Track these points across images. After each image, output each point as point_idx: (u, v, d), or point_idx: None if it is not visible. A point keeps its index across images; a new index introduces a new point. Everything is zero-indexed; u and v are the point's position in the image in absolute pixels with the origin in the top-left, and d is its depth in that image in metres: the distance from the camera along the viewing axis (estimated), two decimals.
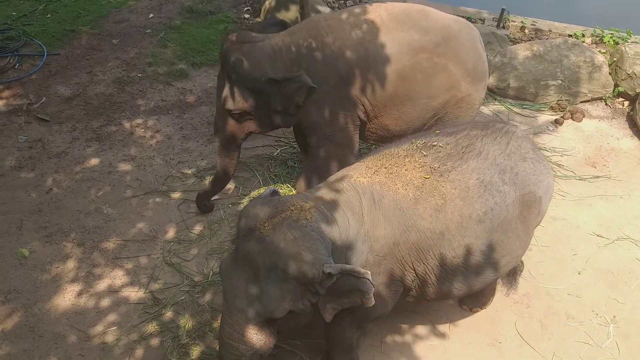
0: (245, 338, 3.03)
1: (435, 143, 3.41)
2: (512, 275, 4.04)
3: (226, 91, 4.15)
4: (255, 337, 3.03)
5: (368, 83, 4.17)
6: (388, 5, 4.34)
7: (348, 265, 2.95)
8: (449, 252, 3.27)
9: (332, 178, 3.37)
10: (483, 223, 3.26)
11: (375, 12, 4.22)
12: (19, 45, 6.62)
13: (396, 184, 3.25)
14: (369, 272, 2.90)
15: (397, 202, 3.21)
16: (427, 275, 3.34)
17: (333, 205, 3.13)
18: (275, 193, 3.24)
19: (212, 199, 4.83)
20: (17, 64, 6.39)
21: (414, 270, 3.33)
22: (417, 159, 3.34)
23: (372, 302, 2.94)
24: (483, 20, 7.53)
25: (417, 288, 3.44)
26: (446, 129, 3.57)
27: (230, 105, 4.17)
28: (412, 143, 3.45)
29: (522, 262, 4.10)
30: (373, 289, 2.91)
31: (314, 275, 2.88)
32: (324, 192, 3.21)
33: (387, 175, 3.28)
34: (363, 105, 4.25)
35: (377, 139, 4.53)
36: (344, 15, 4.26)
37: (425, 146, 3.40)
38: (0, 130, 5.54)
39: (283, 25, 4.53)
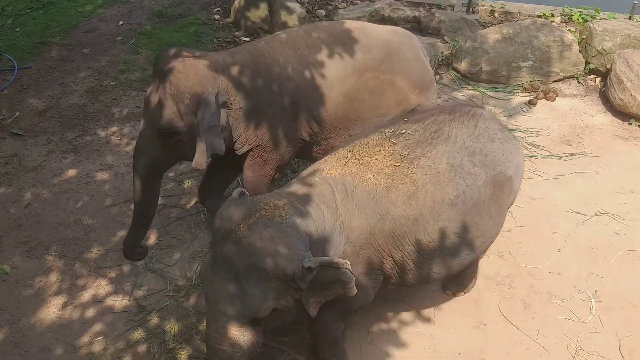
0: (232, 340, 3.03)
1: (404, 130, 3.43)
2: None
3: (159, 106, 3.71)
4: (242, 338, 3.04)
5: (315, 107, 4.05)
6: (327, 25, 4.27)
7: (326, 257, 2.97)
8: (425, 237, 3.30)
9: (304, 173, 3.38)
10: (456, 206, 3.29)
11: (315, 34, 4.10)
12: None
13: (367, 174, 3.27)
14: (348, 262, 2.92)
15: (370, 191, 3.24)
16: (405, 262, 3.37)
17: (306, 199, 3.14)
18: (243, 194, 3.19)
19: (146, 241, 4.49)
20: None
21: (392, 257, 3.36)
22: (386, 148, 3.36)
23: (354, 291, 2.97)
24: (452, 7, 7.58)
25: (396, 275, 3.46)
26: (414, 116, 3.60)
27: (162, 123, 3.71)
28: (381, 132, 3.47)
29: None
30: (354, 278, 2.94)
31: (293, 270, 2.89)
32: (296, 188, 3.22)
33: (358, 166, 3.30)
34: (310, 128, 4.14)
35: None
36: (283, 37, 4.13)
37: (394, 134, 3.43)
38: None
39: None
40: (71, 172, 5.25)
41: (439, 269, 3.46)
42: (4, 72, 6.50)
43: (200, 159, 3.72)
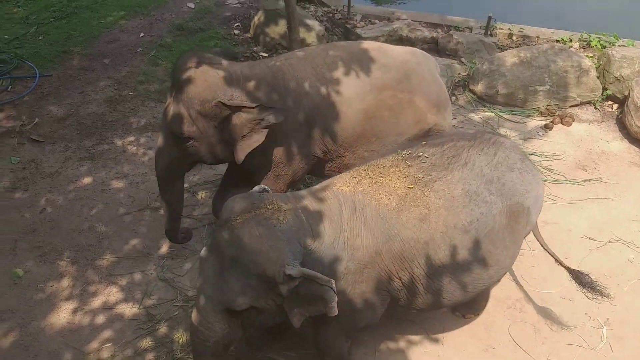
0: (209, 324, 3.11)
1: (421, 154, 3.43)
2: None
3: (174, 112, 3.85)
4: (218, 325, 3.11)
5: (331, 124, 4.06)
6: (345, 44, 4.31)
7: (311, 271, 2.94)
8: (435, 262, 3.27)
9: (317, 186, 3.40)
10: (469, 233, 3.26)
11: (333, 52, 4.14)
12: (10, 67, 6.69)
13: (379, 194, 3.27)
14: (333, 281, 2.92)
15: (380, 211, 3.23)
16: (413, 285, 3.34)
17: (311, 211, 3.18)
18: (264, 190, 3.28)
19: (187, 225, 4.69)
20: (10, 87, 6.44)
21: (400, 279, 3.33)
22: (401, 169, 3.36)
23: (335, 311, 2.95)
24: (470, 29, 7.62)
25: (405, 298, 3.43)
26: (433, 140, 3.59)
27: (175, 127, 3.87)
28: (397, 154, 3.47)
29: None
30: (336, 298, 2.93)
31: (273, 274, 2.93)
32: (305, 197, 3.26)
33: (370, 185, 3.30)
34: (325, 145, 4.15)
35: None
36: (302, 54, 4.17)
37: (411, 157, 3.43)
38: None
39: (235, 57, 4.37)
40: (87, 180, 5.31)
41: (449, 295, 3.42)
42: (26, 79, 6.60)
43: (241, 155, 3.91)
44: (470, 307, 4.13)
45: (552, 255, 4.06)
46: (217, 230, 3.07)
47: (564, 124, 6.16)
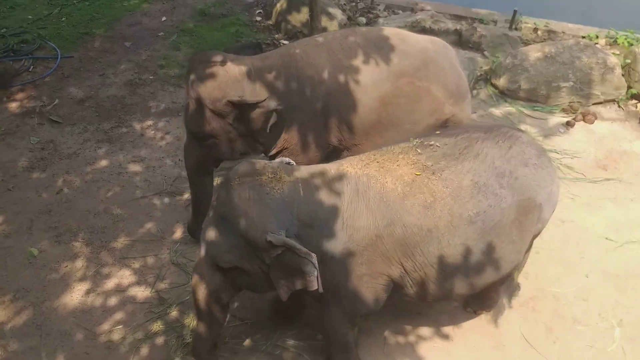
0: (203, 275, 3.33)
1: (433, 142, 3.41)
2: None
3: (188, 111, 3.97)
4: (209, 277, 3.30)
5: (347, 111, 4.05)
6: (364, 30, 4.28)
7: (292, 242, 3.03)
8: (438, 251, 3.26)
9: (326, 165, 3.43)
10: (474, 224, 3.24)
11: (352, 38, 4.11)
12: (33, 48, 6.74)
13: (385, 178, 3.27)
14: (314, 255, 3.01)
15: (384, 195, 3.23)
16: (416, 273, 3.33)
17: (311, 187, 3.24)
18: (289, 163, 3.42)
19: None
20: (31, 67, 6.49)
21: (402, 265, 3.32)
22: (411, 156, 3.35)
23: (314, 286, 3.04)
24: (495, 22, 7.50)
25: (409, 286, 3.42)
26: (448, 131, 3.57)
27: (193, 127, 3.99)
28: (410, 141, 3.46)
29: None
30: (316, 273, 3.01)
31: (254, 238, 3.06)
32: (310, 173, 3.31)
33: (377, 169, 3.31)
34: (341, 134, 4.14)
35: None
36: (320, 40, 4.17)
37: (422, 145, 3.42)
38: (13, 131, 5.63)
39: (259, 48, 4.44)
40: (104, 162, 5.34)
41: (452, 286, 3.40)
42: (47, 60, 6.65)
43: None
44: (482, 303, 4.10)
45: None
46: (219, 188, 3.28)
47: (586, 122, 6.05)
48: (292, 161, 3.48)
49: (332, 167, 3.35)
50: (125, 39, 7.17)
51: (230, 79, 3.86)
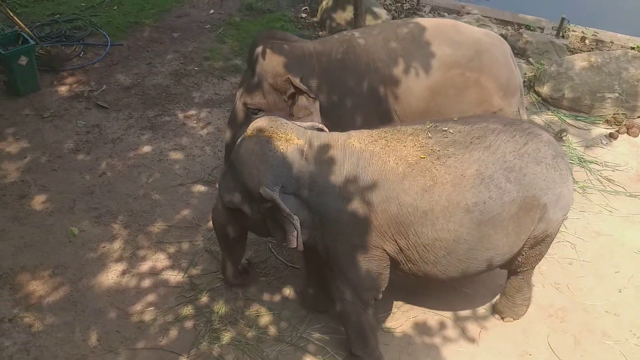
0: (215, 207, 3.78)
1: (446, 128, 3.44)
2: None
3: (248, 83, 4.14)
4: (220, 213, 3.71)
5: (398, 98, 4.12)
6: (420, 20, 4.32)
7: (278, 199, 3.25)
8: (431, 234, 3.31)
9: (336, 134, 3.52)
10: (471, 213, 3.27)
11: (407, 27, 4.18)
12: (85, 34, 6.93)
13: (388, 157, 3.33)
14: (295, 217, 3.23)
15: (383, 173, 3.30)
16: (410, 252, 3.40)
17: (314, 153, 3.38)
18: (321, 129, 3.62)
19: None
20: (82, 52, 6.68)
21: (396, 243, 3.39)
22: (420, 139, 3.40)
23: (294, 244, 3.28)
24: (542, 29, 7.42)
25: (404, 262, 3.50)
26: (466, 119, 3.58)
27: (247, 99, 4.15)
28: (424, 124, 3.50)
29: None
30: (296, 233, 3.25)
31: (250, 188, 3.36)
32: (320, 140, 3.43)
33: (382, 147, 3.37)
34: (390, 121, 4.18)
35: None
36: (376, 31, 4.25)
37: (434, 129, 3.45)
38: (61, 114, 5.81)
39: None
40: (146, 148, 5.48)
41: (443, 269, 3.46)
42: (97, 47, 6.83)
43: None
44: (511, 310, 4.08)
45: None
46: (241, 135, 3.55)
47: (629, 135, 5.94)
48: (324, 127, 3.64)
49: (340, 138, 3.45)
50: (173, 30, 7.31)
51: (294, 57, 4.04)
